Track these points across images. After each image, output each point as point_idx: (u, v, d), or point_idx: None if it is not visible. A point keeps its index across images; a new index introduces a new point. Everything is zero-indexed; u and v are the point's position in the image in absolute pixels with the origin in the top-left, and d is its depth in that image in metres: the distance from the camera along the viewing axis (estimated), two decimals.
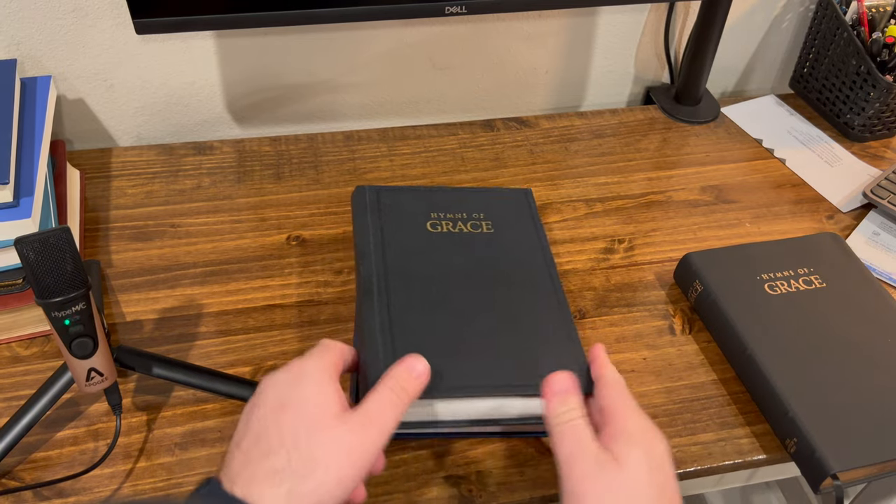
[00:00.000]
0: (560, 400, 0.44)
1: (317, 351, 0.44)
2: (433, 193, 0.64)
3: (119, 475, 0.52)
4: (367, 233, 0.59)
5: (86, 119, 0.82)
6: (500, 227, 0.62)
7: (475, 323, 0.52)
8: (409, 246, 0.58)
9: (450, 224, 0.61)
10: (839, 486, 0.52)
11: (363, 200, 0.62)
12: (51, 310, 0.46)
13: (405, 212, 0.61)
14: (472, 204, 0.63)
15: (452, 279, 0.55)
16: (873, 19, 0.86)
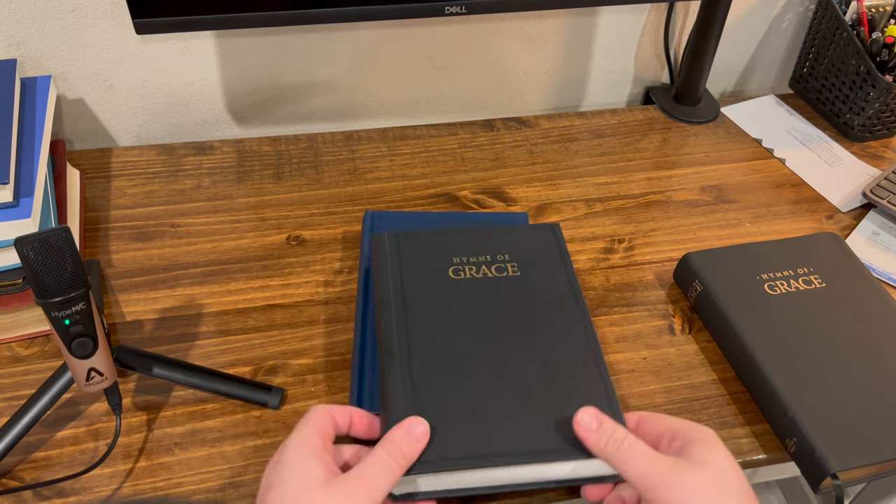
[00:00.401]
0: (598, 434, 0.44)
1: (302, 423, 0.44)
2: (455, 236, 0.62)
3: (119, 475, 0.52)
4: (387, 284, 0.57)
5: (86, 119, 0.82)
6: (527, 268, 0.59)
7: (504, 381, 0.50)
8: (432, 297, 0.56)
9: (473, 269, 0.59)
10: (839, 486, 0.52)
11: (383, 247, 0.60)
12: (51, 310, 0.46)
13: (426, 259, 0.59)
14: (495, 244, 0.61)
15: (478, 332, 0.53)
16: (873, 19, 0.86)
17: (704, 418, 0.58)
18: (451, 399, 0.49)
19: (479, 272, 0.58)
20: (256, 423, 0.56)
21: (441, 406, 0.48)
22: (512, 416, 0.48)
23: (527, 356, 0.52)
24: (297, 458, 0.41)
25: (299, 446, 0.42)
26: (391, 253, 0.60)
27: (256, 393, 0.57)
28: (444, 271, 0.58)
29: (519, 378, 0.50)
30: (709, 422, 0.58)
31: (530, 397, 0.49)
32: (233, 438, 0.55)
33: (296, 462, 0.41)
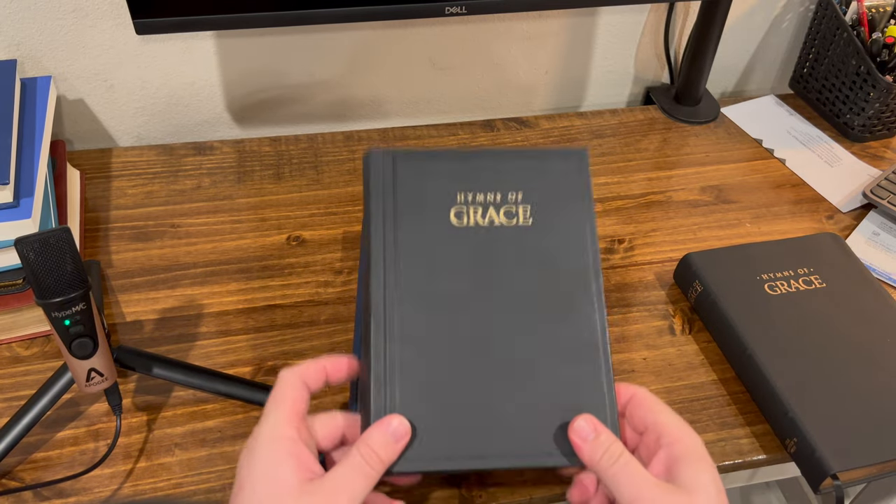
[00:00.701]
0: (593, 446, 0.42)
1: (272, 405, 0.42)
2: (463, 161, 0.51)
3: (119, 475, 0.52)
4: (378, 229, 0.48)
5: (86, 119, 0.82)
6: (541, 215, 0.50)
7: (497, 371, 0.46)
8: (427, 253, 0.48)
9: (479, 212, 0.49)
10: (839, 486, 0.52)
11: (378, 174, 0.50)
12: (51, 310, 0.46)
13: (426, 195, 0.49)
14: (509, 177, 0.50)
15: (474, 302, 0.47)
16: (873, 19, 0.86)
17: (705, 418, 0.58)
18: (437, 391, 0.45)
19: (486, 218, 0.49)
20: (256, 424, 0.56)
21: (424, 399, 0.44)
22: (502, 412, 0.45)
23: (527, 341, 0.47)
24: (270, 456, 0.39)
25: (270, 440, 0.40)
26: (385, 183, 0.50)
27: (257, 393, 0.56)
28: (446, 215, 0.49)
29: (515, 369, 0.46)
30: (709, 422, 0.58)
31: (524, 393, 0.45)
32: (233, 439, 0.55)
33: (268, 462, 0.39)
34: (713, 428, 0.57)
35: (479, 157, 0.51)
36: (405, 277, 0.47)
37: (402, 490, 0.52)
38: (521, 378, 0.46)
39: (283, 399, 0.42)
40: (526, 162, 0.51)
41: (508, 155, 0.52)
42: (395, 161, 0.50)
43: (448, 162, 0.51)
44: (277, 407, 0.42)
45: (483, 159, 0.51)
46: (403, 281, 0.47)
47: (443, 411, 0.44)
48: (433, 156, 0.51)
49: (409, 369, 0.45)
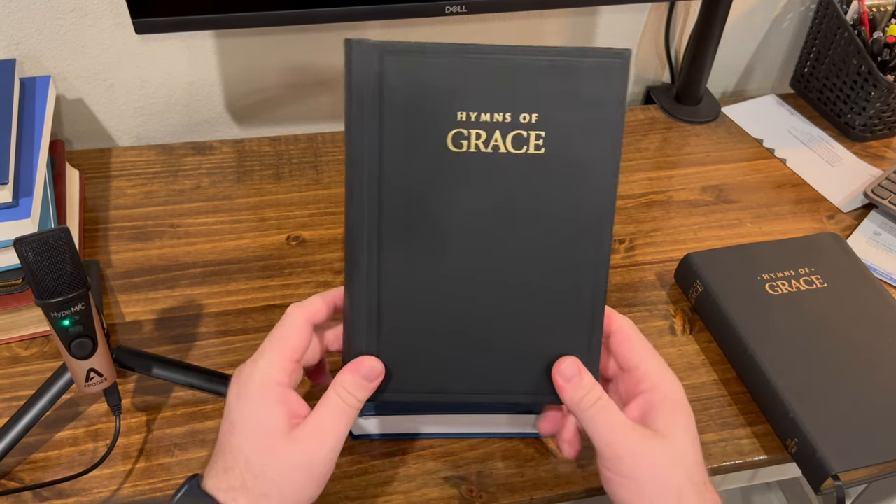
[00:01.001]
0: (574, 386, 0.43)
1: (274, 344, 0.43)
2: (468, 69, 0.41)
3: (119, 476, 0.52)
4: (361, 152, 0.41)
5: (85, 119, 0.82)
6: (556, 143, 0.42)
7: (476, 307, 0.44)
8: (417, 180, 0.42)
9: (482, 137, 0.41)
10: (840, 487, 0.51)
11: (360, 76, 0.41)
12: (50, 310, 0.46)
13: (418, 111, 0.41)
14: (524, 93, 0.41)
15: (461, 240, 0.43)
16: (874, 19, 0.86)
17: (706, 419, 0.58)
18: (416, 331, 0.44)
19: (489, 144, 0.42)
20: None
21: (403, 339, 0.44)
22: (480, 351, 0.44)
23: (515, 284, 0.43)
24: (260, 402, 0.41)
25: (261, 386, 0.41)
26: (372, 90, 0.41)
27: None
28: (441, 139, 0.41)
29: (498, 310, 0.44)
30: (710, 422, 0.57)
31: (505, 333, 0.44)
32: None
33: (258, 407, 0.41)
34: (714, 428, 0.57)
35: (489, 63, 0.41)
36: (387, 208, 0.42)
37: (401, 492, 0.52)
38: (504, 319, 0.44)
39: (284, 343, 0.43)
40: (549, 69, 0.41)
41: (527, 60, 0.41)
42: (382, 60, 0.41)
43: (449, 68, 0.41)
44: (275, 350, 0.43)
45: (494, 66, 0.41)
46: (385, 213, 0.42)
47: (421, 349, 0.44)
48: (431, 56, 0.41)
49: (388, 309, 0.43)
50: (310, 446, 0.40)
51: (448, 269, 0.43)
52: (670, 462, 0.41)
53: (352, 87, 0.41)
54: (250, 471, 0.39)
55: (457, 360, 0.45)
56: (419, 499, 0.51)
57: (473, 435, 0.54)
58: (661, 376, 0.44)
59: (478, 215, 0.43)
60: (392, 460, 0.54)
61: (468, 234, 0.43)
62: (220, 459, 0.40)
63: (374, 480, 0.52)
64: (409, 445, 0.54)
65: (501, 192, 0.42)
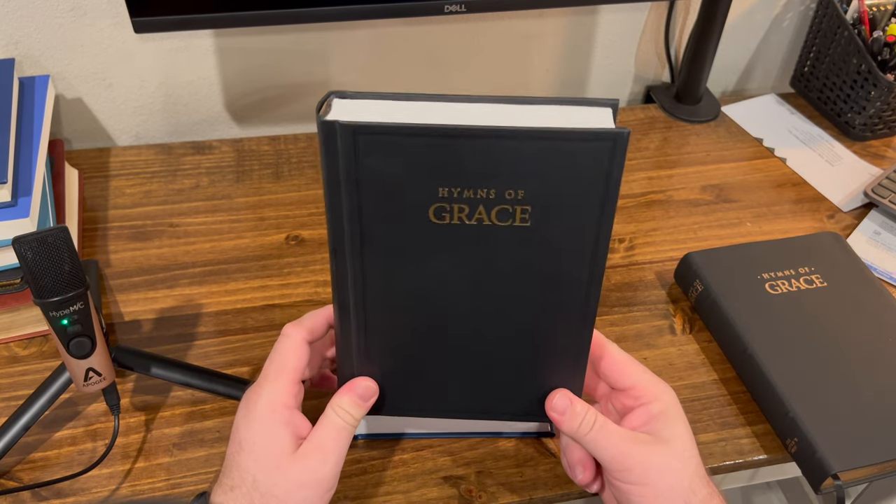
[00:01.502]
0: (569, 417, 0.45)
1: (276, 368, 0.45)
2: (449, 146, 0.38)
3: (117, 475, 0.52)
4: (338, 218, 0.40)
5: (84, 118, 0.82)
6: (543, 215, 0.40)
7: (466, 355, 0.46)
8: (399, 245, 0.41)
9: (465, 211, 0.39)
10: (840, 487, 0.51)
11: (333, 152, 0.39)
12: (49, 309, 0.46)
13: (398, 188, 0.39)
14: (510, 169, 0.38)
15: (445, 304, 0.43)
16: (874, 18, 0.86)
17: (705, 418, 0.58)
18: (406, 357, 0.46)
19: (473, 217, 0.39)
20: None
21: (394, 365, 0.47)
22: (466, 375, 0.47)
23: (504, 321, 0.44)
24: (268, 424, 0.43)
25: (269, 409, 0.43)
26: (346, 167, 0.38)
27: None
28: (423, 213, 0.39)
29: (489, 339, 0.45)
30: (709, 422, 0.57)
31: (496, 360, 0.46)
32: None
33: (266, 429, 0.43)
34: (714, 428, 0.57)
35: (473, 144, 0.38)
36: (371, 275, 0.42)
37: (400, 492, 0.52)
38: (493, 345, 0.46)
39: (285, 366, 0.45)
40: (537, 149, 0.38)
41: (514, 140, 0.37)
42: (355, 139, 0.38)
43: (428, 150, 0.38)
44: (279, 374, 0.44)
45: (478, 147, 0.38)
46: (370, 279, 0.42)
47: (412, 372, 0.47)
48: (410, 137, 0.37)
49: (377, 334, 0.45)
50: (313, 464, 0.42)
51: (429, 325, 0.45)
52: (678, 463, 0.43)
53: (327, 167, 0.39)
54: (257, 489, 0.41)
55: (447, 383, 0.47)
56: (419, 498, 0.51)
57: (473, 435, 0.54)
58: (657, 388, 0.46)
59: (458, 278, 0.42)
60: (392, 460, 0.53)
61: (448, 298, 0.43)
62: (227, 478, 0.42)
63: (374, 480, 0.52)
64: (408, 445, 0.54)
65: (486, 255, 0.41)
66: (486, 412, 0.48)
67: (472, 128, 0.37)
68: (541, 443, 0.55)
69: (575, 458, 0.48)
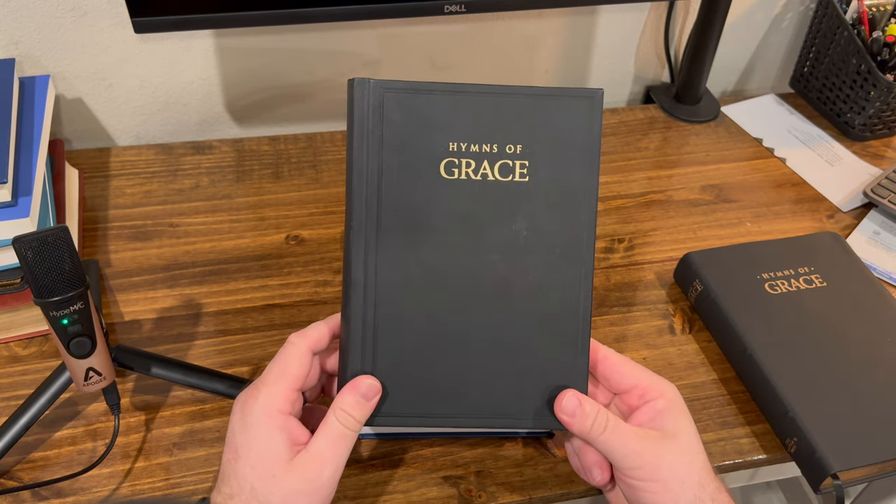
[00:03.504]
0: (580, 419, 0.45)
1: (276, 373, 0.44)
2: (459, 105, 0.46)
3: (117, 475, 0.52)
4: (361, 174, 0.45)
5: (84, 118, 0.82)
6: (538, 170, 0.46)
7: (470, 330, 0.46)
8: (410, 209, 0.45)
9: (472, 166, 0.45)
10: (839, 486, 0.51)
11: (362, 111, 0.45)
12: (49, 309, 0.46)
13: (415, 143, 0.46)
14: (509, 127, 0.46)
15: (455, 264, 0.46)
16: (874, 18, 0.86)
17: (705, 418, 0.58)
18: (411, 353, 0.46)
19: (478, 172, 0.46)
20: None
21: (399, 361, 0.46)
22: (474, 376, 0.46)
23: (506, 306, 0.46)
24: (264, 431, 0.42)
25: (266, 415, 0.42)
26: (373, 122, 0.45)
27: None
28: (435, 167, 0.45)
29: (491, 333, 0.46)
30: (709, 421, 0.57)
31: (498, 357, 0.46)
32: None
33: (262, 436, 0.42)
34: (713, 427, 0.57)
35: (479, 99, 0.46)
36: (385, 235, 0.45)
37: (400, 491, 0.52)
38: (497, 343, 0.46)
39: (286, 372, 0.44)
40: (530, 105, 0.46)
41: (512, 97, 0.46)
42: (383, 97, 0.45)
43: (441, 104, 0.46)
44: (278, 379, 0.44)
45: (483, 102, 0.46)
46: (383, 239, 0.45)
47: (417, 372, 0.46)
48: (426, 94, 0.45)
49: (385, 333, 0.45)
50: (311, 472, 0.41)
51: (438, 294, 0.46)
52: (687, 456, 0.44)
53: (354, 119, 0.45)
54: (255, 497, 0.41)
55: (453, 385, 0.46)
56: (418, 498, 0.51)
57: (475, 434, 0.54)
58: (660, 384, 0.47)
59: (466, 238, 0.46)
60: (391, 460, 0.53)
61: (457, 258, 0.46)
62: (225, 485, 0.42)
63: (374, 480, 0.52)
64: (408, 445, 0.54)
65: (488, 215, 0.46)
66: (492, 416, 0.47)
67: (479, 86, 0.46)
68: (541, 443, 0.55)
69: (591, 461, 0.47)
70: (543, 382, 0.47)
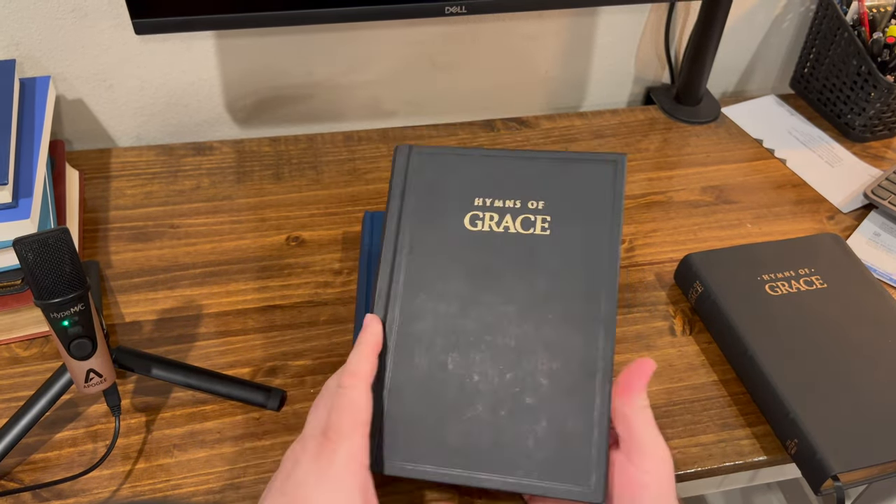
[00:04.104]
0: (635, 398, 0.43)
1: (346, 428, 0.40)
2: (486, 164, 0.50)
3: (118, 476, 0.52)
4: (392, 225, 0.49)
5: (85, 119, 0.82)
6: (560, 225, 0.48)
7: (485, 384, 0.45)
8: (435, 257, 0.48)
9: (495, 219, 0.48)
10: (840, 488, 0.51)
11: (399, 169, 0.51)
12: (49, 311, 0.46)
13: (443, 197, 0.49)
14: (533, 184, 0.49)
15: (473, 311, 0.47)
16: (874, 19, 0.86)
17: (705, 419, 0.58)
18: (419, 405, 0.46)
19: (501, 225, 0.48)
20: (256, 425, 0.56)
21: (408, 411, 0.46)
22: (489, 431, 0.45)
23: (524, 360, 0.46)
24: (347, 489, 0.39)
25: (351, 472, 0.39)
26: (405, 179, 0.50)
27: (256, 394, 0.56)
28: (460, 219, 0.49)
29: (507, 388, 0.45)
30: (710, 423, 0.57)
31: (513, 414, 0.45)
32: (232, 440, 0.55)
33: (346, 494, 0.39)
34: (714, 429, 0.57)
35: (505, 161, 0.50)
36: (409, 280, 0.48)
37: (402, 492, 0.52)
38: (512, 399, 0.45)
39: (359, 419, 0.41)
40: (554, 168, 0.49)
41: (536, 159, 0.50)
42: (417, 157, 0.51)
43: (471, 164, 0.50)
44: (355, 429, 0.40)
45: (508, 163, 0.50)
46: (406, 282, 0.48)
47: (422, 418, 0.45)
48: (457, 156, 0.51)
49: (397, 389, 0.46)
50: None
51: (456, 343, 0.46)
52: None
53: (393, 177, 0.51)
54: None
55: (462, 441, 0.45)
56: (419, 499, 0.51)
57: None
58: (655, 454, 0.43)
59: (485, 286, 0.47)
60: None
61: (476, 307, 0.47)
62: None
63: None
64: None
65: (508, 264, 0.47)
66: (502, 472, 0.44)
67: (506, 150, 0.51)
68: None
69: None
70: (551, 445, 0.44)
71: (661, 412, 0.58)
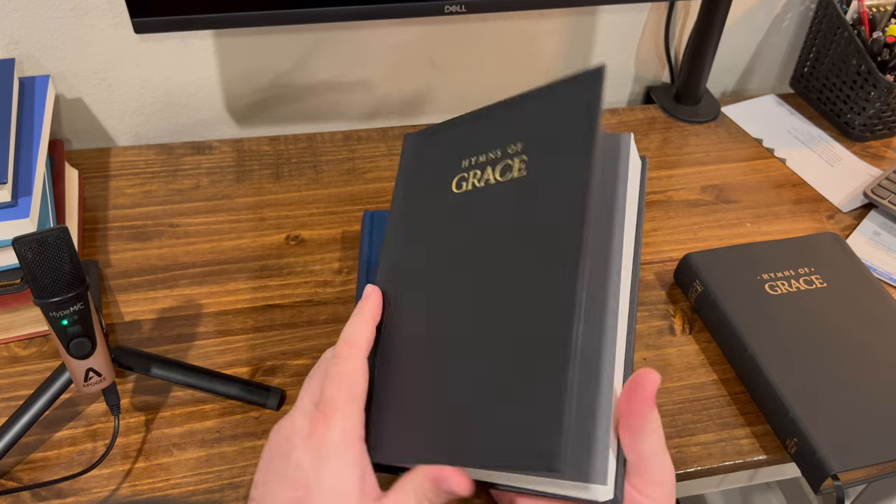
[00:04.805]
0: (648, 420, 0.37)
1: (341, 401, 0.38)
2: (472, 124, 0.47)
3: (117, 476, 0.52)
4: (393, 210, 0.49)
5: (84, 118, 0.82)
6: (536, 163, 0.41)
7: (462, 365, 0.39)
8: (425, 226, 0.46)
9: (478, 175, 0.44)
10: (839, 487, 0.51)
11: (403, 157, 0.51)
12: (49, 310, 0.46)
13: (433, 168, 0.47)
14: (512, 127, 0.44)
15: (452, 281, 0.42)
16: (874, 18, 0.86)
17: (705, 419, 0.58)
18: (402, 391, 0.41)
19: (482, 179, 0.44)
20: (255, 424, 0.56)
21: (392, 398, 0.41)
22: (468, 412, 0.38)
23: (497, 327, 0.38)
24: (342, 462, 0.37)
25: (346, 443, 0.37)
26: (410, 160, 0.50)
27: (255, 394, 0.56)
28: (448, 183, 0.46)
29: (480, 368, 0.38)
30: (709, 422, 0.57)
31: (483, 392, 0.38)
32: (231, 439, 0.55)
33: (342, 468, 0.37)
34: (713, 428, 0.57)
35: (489, 113, 0.46)
36: (399, 257, 0.46)
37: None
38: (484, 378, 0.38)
39: (356, 393, 0.38)
40: (532, 102, 0.44)
41: (517, 100, 0.45)
42: (411, 140, 0.51)
43: (458, 129, 0.48)
44: (351, 402, 0.38)
45: (492, 114, 0.46)
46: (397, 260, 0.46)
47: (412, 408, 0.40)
48: (451, 126, 0.48)
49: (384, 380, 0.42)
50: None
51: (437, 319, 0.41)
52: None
53: (399, 167, 0.51)
54: None
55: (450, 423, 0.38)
56: None
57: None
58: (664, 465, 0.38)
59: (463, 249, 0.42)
60: None
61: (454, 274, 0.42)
62: None
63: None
64: None
65: (485, 219, 0.42)
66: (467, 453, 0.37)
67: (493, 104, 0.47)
68: None
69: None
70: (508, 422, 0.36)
71: (660, 411, 0.58)
